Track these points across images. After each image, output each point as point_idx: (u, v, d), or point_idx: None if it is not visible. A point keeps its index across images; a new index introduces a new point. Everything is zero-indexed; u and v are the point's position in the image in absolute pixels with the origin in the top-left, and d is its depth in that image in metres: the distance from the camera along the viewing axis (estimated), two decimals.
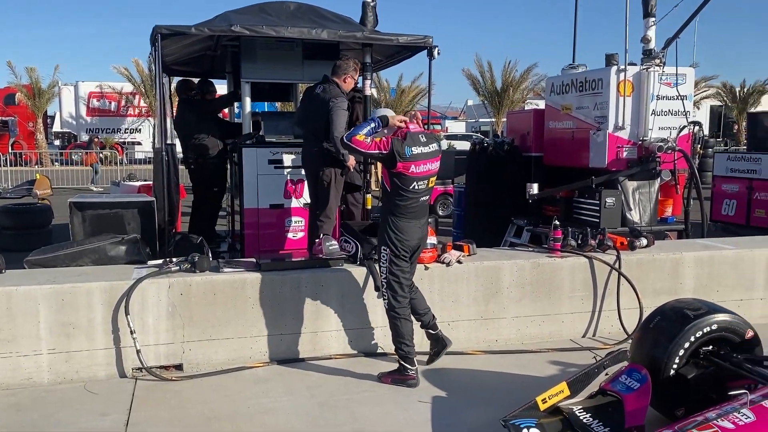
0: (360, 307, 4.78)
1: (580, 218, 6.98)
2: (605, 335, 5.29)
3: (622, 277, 5.22)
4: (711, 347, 3.58)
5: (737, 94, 33.89)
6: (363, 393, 4.19)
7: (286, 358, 4.65)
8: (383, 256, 4.17)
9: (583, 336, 5.30)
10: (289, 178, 6.13)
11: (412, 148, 4.00)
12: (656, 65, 6.52)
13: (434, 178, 4.19)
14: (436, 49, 5.91)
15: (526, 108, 25.53)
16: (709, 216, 10.97)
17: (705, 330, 3.52)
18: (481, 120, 41.17)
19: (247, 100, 6.19)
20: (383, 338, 4.70)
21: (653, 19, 6.58)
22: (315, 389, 4.24)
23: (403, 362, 4.24)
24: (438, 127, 38.74)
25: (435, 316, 4.54)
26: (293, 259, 4.96)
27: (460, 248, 5.23)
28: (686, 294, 5.24)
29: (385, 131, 4.08)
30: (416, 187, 4.06)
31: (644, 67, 6.56)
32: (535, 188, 7.17)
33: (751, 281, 5.66)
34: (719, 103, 34.70)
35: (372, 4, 6.11)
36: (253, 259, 4.88)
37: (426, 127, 7.33)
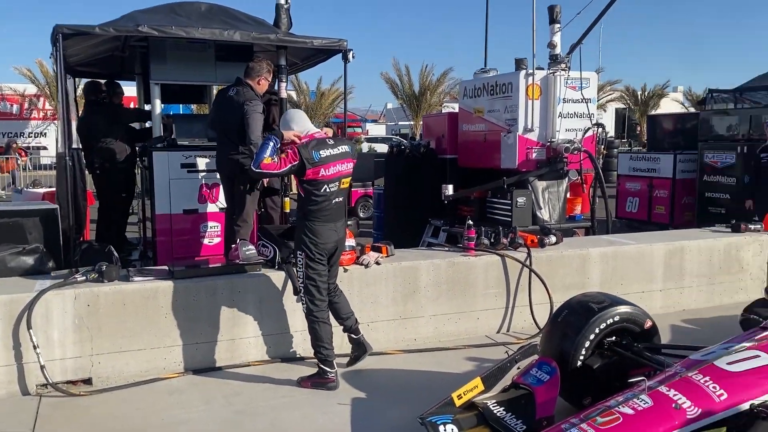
0: (279, 312, 4.73)
1: (494, 217, 7.21)
2: (519, 330, 5.48)
3: (533, 273, 5.42)
4: (614, 338, 3.78)
5: (639, 97, 35.94)
6: (282, 398, 4.15)
7: (203, 367, 4.54)
8: (299, 260, 4.15)
9: (498, 331, 5.46)
10: (203, 182, 5.98)
11: (320, 152, 4.03)
12: (562, 70, 6.82)
13: (347, 179, 4.22)
14: (351, 52, 5.94)
15: (443, 111, 26.07)
16: (614, 213, 11.62)
17: (608, 322, 3.71)
18: (400, 123, 41.69)
19: (157, 102, 5.99)
20: (303, 342, 4.67)
21: (558, 25, 6.88)
22: (233, 397, 4.15)
23: (322, 366, 4.23)
24: (359, 130, 38.90)
25: (358, 320, 4.56)
26: (208, 266, 4.84)
27: (378, 250, 5.27)
28: (594, 288, 5.50)
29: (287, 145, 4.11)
30: (328, 190, 4.08)
31: (551, 71, 6.85)
32: (450, 189, 7.34)
33: (651, 274, 6.02)
34: (623, 106, 36.70)
35: (286, 6, 6.07)
36: (166, 267, 4.73)
37: (344, 130, 7.41)
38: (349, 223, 10.31)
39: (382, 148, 25.74)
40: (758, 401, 2.87)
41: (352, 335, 4.54)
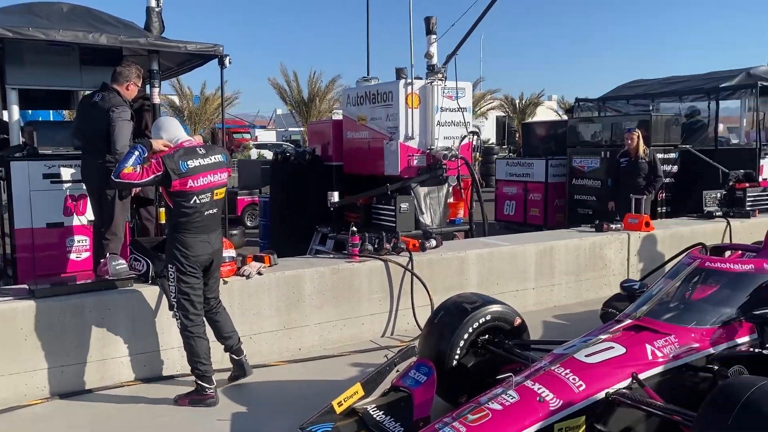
0: (153, 329, 4.51)
1: (380, 223, 7.32)
2: (402, 333, 5.58)
3: (414, 277, 5.55)
4: (487, 336, 3.95)
5: (517, 105, 37.85)
6: (158, 419, 3.97)
7: (70, 391, 4.24)
8: (170, 275, 4.00)
9: (382, 336, 5.54)
10: (68, 193, 5.60)
11: (188, 162, 3.90)
12: (439, 80, 7.06)
13: (221, 189, 4.11)
14: (228, 58, 5.81)
15: (333, 117, 26.17)
16: (493, 216, 12.17)
17: (481, 321, 3.87)
18: (290, 129, 41.32)
19: (15, 108, 5.56)
20: (181, 359, 4.48)
21: (434, 36, 7.12)
22: (103, 422, 3.92)
23: (200, 382, 4.09)
24: (247, 136, 38.11)
25: (240, 339, 4.44)
26: (74, 283, 4.54)
27: (261, 259, 5.19)
28: (472, 288, 5.72)
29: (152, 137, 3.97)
30: (198, 201, 3.95)
31: (429, 81, 7.07)
32: (336, 196, 7.37)
33: (524, 273, 6.35)
34: (503, 114, 38.48)
35: (157, 9, 5.83)
36: (26, 286, 4.39)
37: (223, 137, 7.24)
38: (234, 232, 10.09)
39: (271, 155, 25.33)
40: (613, 389, 3.10)
41: (234, 356, 4.40)
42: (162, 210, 5.88)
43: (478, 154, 7.36)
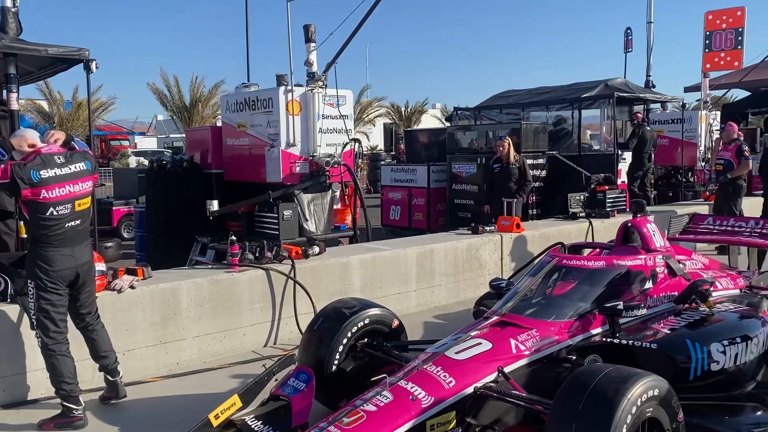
0: (14, 350, 4.20)
1: (263, 231, 7.24)
2: (285, 341, 5.56)
3: (297, 284, 5.55)
4: (367, 339, 4.03)
5: (403, 113, 38.71)
6: None
7: None
8: (30, 291, 3.75)
9: (265, 345, 5.49)
10: None
11: (41, 172, 3.68)
12: (320, 87, 7.11)
13: (85, 200, 3.90)
14: (94, 62, 5.53)
15: (218, 124, 25.52)
16: (380, 221, 12.40)
17: (359, 325, 3.95)
18: (172, 135, 39.73)
19: None
20: (46, 381, 4.21)
21: (314, 44, 7.16)
22: None
23: (66, 403, 3.86)
24: (126, 143, 36.21)
25: (118, 359, 4.23)
26: None
27: (133, 272, 4.97)
28: (356, 293, 5.81)
29: (15, 156, 3.71)
30: (56, 213, 3.74)
31: (309, 88, 7.10)
32: (215, 205, 7.21)
33: (407, 276, 6.53)
34: (390, 121, 39.23)
35: (13, 9, 5.45)
36: None
37: (92, 144, 6.85)
38: (108, 245, 9.58)
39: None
40: (480, 383, 3.27)
41: (109, 376, 4.19)
42: (21, 223, 5.49)
43: (360, 160, 7.48)
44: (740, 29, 12.47)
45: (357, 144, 7.49)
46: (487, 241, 7.25)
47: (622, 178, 11.24)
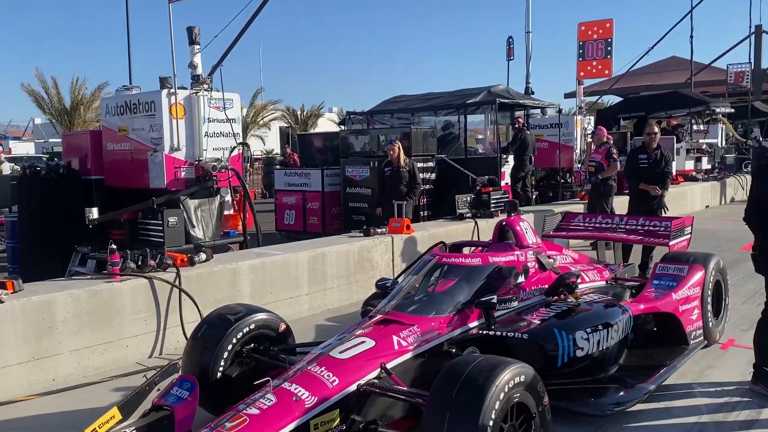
0: None
1: (147, 239, 6.99)
2: (172, 351, 5.41)
3: (182, 293, 5.42)
4: (253, 345, 4.02)
5: (299, 116, 38.48)
6: None
7: None
8: None
9: (150, 356, 5.32)
10: None
11: None
12: (205, 90, 6.97)
13: None
14: None
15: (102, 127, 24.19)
16: (274, 226, 12.31)
17: (245, 330, 3.93)
18: (51, 140, 37.23)
19: None
20: None
21: (198, 46, 7.01)
22: None
23: None
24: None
25: None
26: None
27: (2, 286, 4.67)
28: (246, 299, 5.75)
29: None
30: None
31: (194, 91, 6.95)
32: (94, 212, 6.89)
33: (298, 280, 6.54)
34: (286, 125, 38.87)
35: None
36: None
37: None
38: None
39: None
40: (364, 380, 3.37)
41: None
42: None
43: (248, 165, 7.41)
44: (609, 40, 13.46)
45: (245, 148, 7.40)
46: (378, 243, 7.40)
47: (506, 179, 11.83)
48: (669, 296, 4.83)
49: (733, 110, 18.29)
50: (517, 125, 12.05)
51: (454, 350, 3.81)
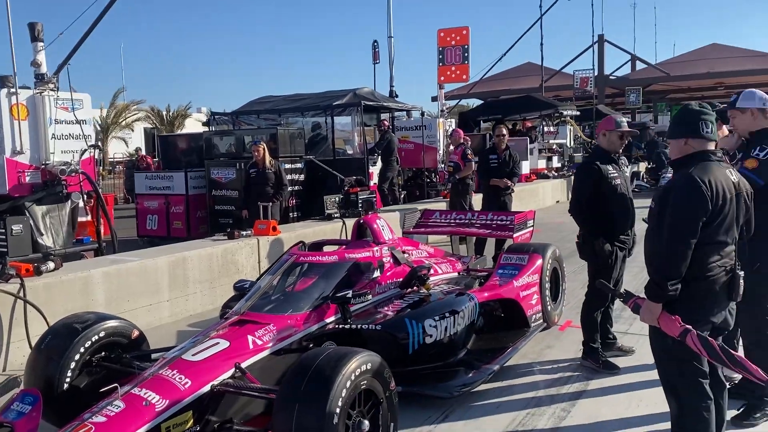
0: None
1: None
2: (18, 366, 5.04)
3: (27, 304, 5.11)
4: (104, 353, 3.90)
5: (165, 117, 36.91)
6: None
7: None
8: None
9: None
10: None
11: None
12: (51, 90, 6.58)
13: None
14: None
15: None
16: (136, 231, 11.80)
17: (93, 339, 3.80)
18: None
19: None
20: None
21: (42, 43, 6.59)
22: None
23: None
24: None
25: None
26: None
27: None
28: (101, 308, 5.50)
29: None
30: None
31: (38, 91, 6.53)
32: None
33: (158, 286, 6.36)
34: (151, 126, 37.11)
35: None
36: None
37: None
38: None
39: None
40: (217, 381, 3.39)
41: None
42: None
43: (100, 168, 7.07)
44: (466, 46, 14.25)
45: (98, 151, 7.06)
46: (243, 246, 7.36)
47: (374, 179, 12.15)
48: (511, 284, 5.27)
49: (579, 113, 20.00)
50: (382, 127, 12.42)
51: (311, 346, 3.93)
